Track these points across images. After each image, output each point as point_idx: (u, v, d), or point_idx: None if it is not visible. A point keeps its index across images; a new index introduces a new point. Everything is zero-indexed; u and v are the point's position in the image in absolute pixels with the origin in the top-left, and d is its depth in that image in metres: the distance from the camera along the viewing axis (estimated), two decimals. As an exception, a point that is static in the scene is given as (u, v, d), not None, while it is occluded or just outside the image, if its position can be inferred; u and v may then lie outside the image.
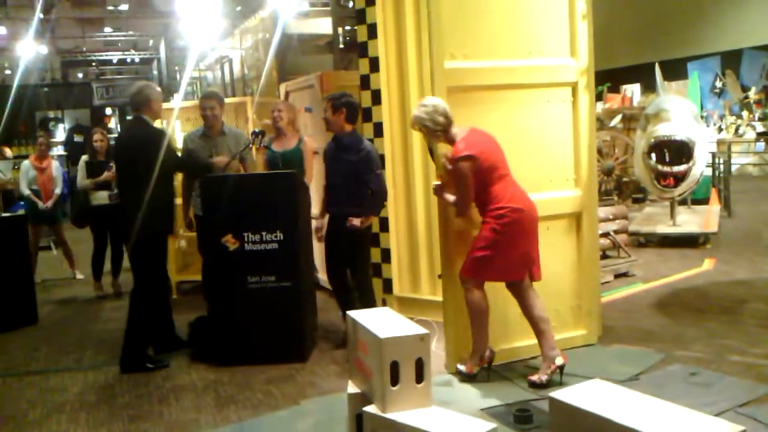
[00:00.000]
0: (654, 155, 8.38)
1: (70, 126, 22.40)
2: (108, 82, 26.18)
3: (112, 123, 24.41)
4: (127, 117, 21.48)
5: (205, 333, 5.24)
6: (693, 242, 8.55)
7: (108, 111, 24.61)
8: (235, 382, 4.69)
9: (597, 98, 12.21)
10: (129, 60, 31.22)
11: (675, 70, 17.06)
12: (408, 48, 5.69)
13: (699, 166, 8.49)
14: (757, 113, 18.07)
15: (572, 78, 4.85)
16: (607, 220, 7.56)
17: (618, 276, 7.13)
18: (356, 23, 6.13)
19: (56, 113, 24.36)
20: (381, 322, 3.36)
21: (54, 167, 8.54)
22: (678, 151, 8.29)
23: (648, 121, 8.72)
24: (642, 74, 18.04)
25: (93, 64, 29.85)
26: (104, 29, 27.50)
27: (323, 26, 17.19)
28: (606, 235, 7.42)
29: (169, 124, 7.43)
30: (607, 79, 15.49)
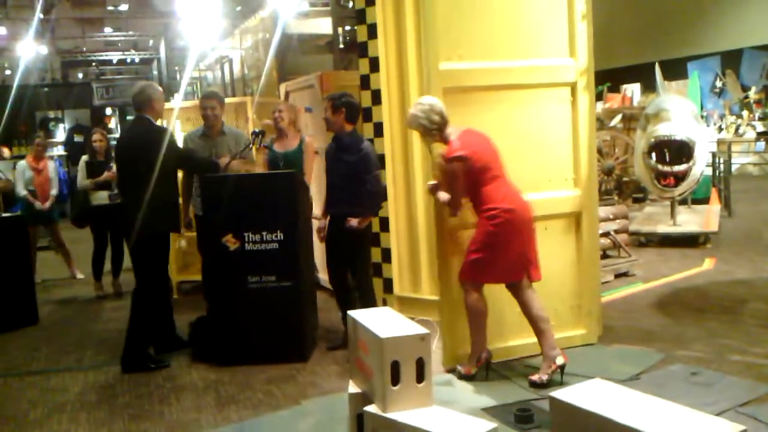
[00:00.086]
0: (654, 155, 8.37)
1: (71, 126, 22.35)
2: (108, 82, 26.20)
3: (112, 123, 24.37)
4: (128, 117, 21.55)
5: (206, 333, 5.25)
6: (693, 242, 8.55)
7: (108, 111, 24.57)
8: (236, 382, 4.69)
9: (597, 98, 12.22)
10: (129, 60, 31.19)
11: (675, 70, 17.05)
12: (408, 48, 5.68)
13: (699, 166, 8.48)
14: (757, 113, 18.07)
15: (571, 78, 4.84)
16: (608, 220, 7.56)
17: (618, 276, 7.13)
18: (356, 23, 6.13)
19: (56, 113, 24.33)
20: (382, 322, 3.36)
21: (51, 168, 8.51)
22: (678, 151, 8.29)
23: (648, 121, 8.72)
24: (642, 74, 18.02)
25: (93, 64, 29.83)
26: (104, 29, 27.50)
27: (323, 26, 17.20)
28: (606, 235, 7.42)
29: (170, 124, 7.43)
30: (607, 79, 15.48)
